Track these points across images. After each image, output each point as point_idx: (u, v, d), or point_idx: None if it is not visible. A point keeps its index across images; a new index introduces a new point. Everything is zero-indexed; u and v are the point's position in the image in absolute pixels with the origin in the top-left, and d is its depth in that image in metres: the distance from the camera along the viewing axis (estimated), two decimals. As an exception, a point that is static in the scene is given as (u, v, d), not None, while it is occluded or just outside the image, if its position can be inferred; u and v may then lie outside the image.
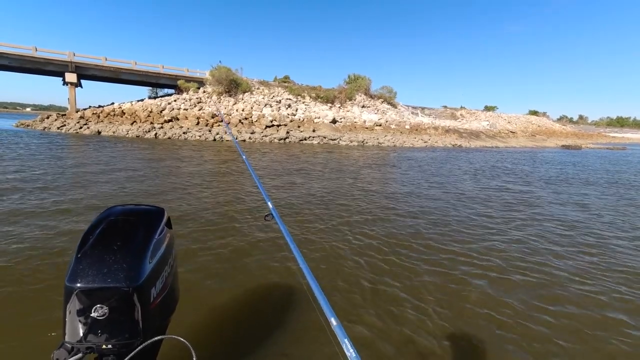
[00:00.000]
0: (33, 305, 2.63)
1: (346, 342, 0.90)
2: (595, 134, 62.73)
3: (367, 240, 4.44)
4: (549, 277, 3.58)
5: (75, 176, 7.69)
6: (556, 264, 3.92)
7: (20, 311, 2.58)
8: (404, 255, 3.95)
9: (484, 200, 7.25)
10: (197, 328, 2.48)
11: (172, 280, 1.06)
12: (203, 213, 5.30)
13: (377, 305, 2.86)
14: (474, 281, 3.38)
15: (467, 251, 4.18)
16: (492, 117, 50.10)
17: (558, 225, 5.51)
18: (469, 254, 4.09)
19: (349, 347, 0.90)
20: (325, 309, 1.01)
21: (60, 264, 3.33)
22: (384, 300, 2.95)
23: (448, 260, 3.89)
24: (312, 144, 22.58)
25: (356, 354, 0.87)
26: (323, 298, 1.05)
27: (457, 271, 3.60)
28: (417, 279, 3.39)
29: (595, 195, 8.45)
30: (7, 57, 23.92)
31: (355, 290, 3.10)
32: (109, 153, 12.17)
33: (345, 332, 0.92)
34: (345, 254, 3.92)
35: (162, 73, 29.43)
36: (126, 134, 20.63)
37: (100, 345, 0.84)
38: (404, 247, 4.24)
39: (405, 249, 4.15)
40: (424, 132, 32.71)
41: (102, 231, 0.94)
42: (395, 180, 9.55)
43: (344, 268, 3.56)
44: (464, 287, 3.26)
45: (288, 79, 38.23)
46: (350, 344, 0.89)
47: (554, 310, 2.93)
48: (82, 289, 0.82)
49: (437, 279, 3.39)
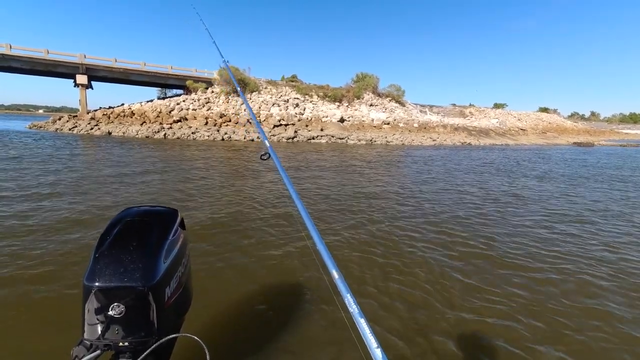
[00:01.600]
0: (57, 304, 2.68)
1: (348, 297, 0.85)
2: (608, 131, 61.55)
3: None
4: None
5: (89, 178, 7.78)
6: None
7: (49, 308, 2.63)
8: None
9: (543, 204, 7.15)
10: (210, 327, 2.49)
11: (186, 279, 1.08)
12: (217, 212, 5.31)
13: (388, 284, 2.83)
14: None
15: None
16: (501, 114, 49.45)
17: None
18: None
19: (351, 302, 0.85)
20: (327, 260, 0.96)
21: (78, 262, 3.36)
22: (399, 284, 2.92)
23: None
24: (320, 142, 22.55)
25: (359, 310, 0.83)
26: (324, 248, 1.00)
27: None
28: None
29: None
30: (20, 60, 24.35)
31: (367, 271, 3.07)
32: (124, 154, 12.31)
33: (347, 287, 0.88)
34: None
35: (170, 74, 29.66)
36: (136, 135, 20.84)
37: (117, 342, 0.86)
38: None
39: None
40: (433, 131, 32.43)
41: (119, 232, 0.96)
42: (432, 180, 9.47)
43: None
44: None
45: (296, 78, 38.25)
46: (353, 300, 0.85)
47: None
48: (99, 288, 0.85)
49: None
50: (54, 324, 2.43)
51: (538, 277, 3.46)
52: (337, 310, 2.68)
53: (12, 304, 2.67)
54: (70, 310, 2.48)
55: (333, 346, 2.33)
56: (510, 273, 3.53)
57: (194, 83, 29.11)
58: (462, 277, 3.39)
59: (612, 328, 2.66)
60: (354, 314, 0.82)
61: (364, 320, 0.81)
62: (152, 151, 13.60)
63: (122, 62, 27.90)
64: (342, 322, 2.50)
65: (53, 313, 2.57)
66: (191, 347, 0.94)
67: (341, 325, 2.49)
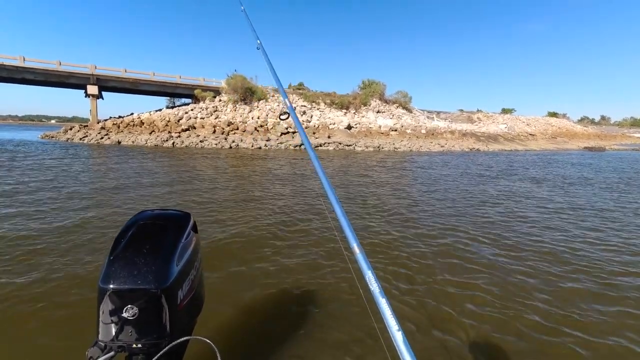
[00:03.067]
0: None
1: (369, 274, 0.80)
2: (619, 135, 60.57)
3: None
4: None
5: (104, 186, 7.83)
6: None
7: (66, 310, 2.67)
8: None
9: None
10: (222, 330, 2.50)
11: (198, 282, 1.09)
12: (232, 218, 5.31)
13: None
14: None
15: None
16: (510, 119, 49.06)
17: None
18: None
19: (372, 280, 0.79)
20: (348, 233, 0.90)
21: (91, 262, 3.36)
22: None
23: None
24: (327, 149, 22.53)
25: (380, 289, 0.77)
26: (345, 219, 0.94)
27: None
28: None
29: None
30: (33, 71, 24.90)
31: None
32: (136, 162, 12.41)
33: (369, 264, 0.82)
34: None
35: (179, 83, 30.06)
36: (145, 144, 21.06)
37: (131, 344, 0.87)
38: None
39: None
40: (441, 137, 32.24)
41: (133, 235, 0.98)
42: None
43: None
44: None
45: (302, 86, 38.50)
46: (374, 278, 0.79)
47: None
48: (114, 290, 0.86)
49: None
50: (68, 325, 2.48)
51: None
52: (354, 316, 2.63)
53: (28, 305, 2.71)
54: (85, 312, 2.52)
55: (347, 353, 2.26)
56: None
57: (202, 92, 29.44)
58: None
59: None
60: (374, 293, 0.77)
61: (385, 300, 0.75)
62: (162, 159, 13.70)
63: (132, 72, 28.38)
64: (359, 328, 2.45)
65: (68, 314, 2.62)
66: (203, 349, 0.94)
67: (358, 332, 2.45)
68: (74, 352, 2.11)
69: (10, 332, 2.43)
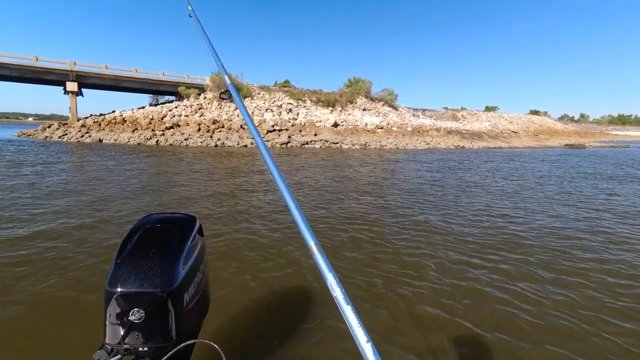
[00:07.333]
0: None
1: (330, 277, 0.71)
2: (598, 132, 62.53)
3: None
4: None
5: (106, 185, 7.56)
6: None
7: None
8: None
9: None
10: (228, 333, 2.49)
11: (203, 286, 1.09)
12: (231, 219, 5.28)
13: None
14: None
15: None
16: (493, 117, 50.00)
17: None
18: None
19: (333, 284, 0.69)
20: (304, 230, 0.81)
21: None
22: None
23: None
24: (314, 147, 22.46)
25: (345, 295, 0.67)
26: (300, 215, 0.85)
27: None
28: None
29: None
30: (8, 67, 23.99)
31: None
32: (120, 162, 12.06)
33: (330, 266, 0.73)
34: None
35: (162, 80, 29.50)
36: (127, 142, 20.58)
37: (137, 347, 0.87)
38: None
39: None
40: (426, 134, 32.57)
41: (139, 238, 0.98)
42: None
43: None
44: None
45: (288, 84, 38.29)
46: (336, 281, 0.70)
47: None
48: (121, 293, 0.87)
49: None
50: (76, 327, 2.49)
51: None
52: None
53: (37, 308, 2.72)
54: (93, 314, 2.46)
55: (352, 355, 2.21)
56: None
57: (186, 89, 28.96)
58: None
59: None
60: (337, 300, 0.65)
61: (350, 308, 0.64)
62: (145, 158, 13.37)
63: (113, 69, 27.70)
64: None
65: (76, 316, 2.65)
66: (209, 353, 0.95)
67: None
68: (81, 355, 2.10)
69: (17, 337, 2.43)
